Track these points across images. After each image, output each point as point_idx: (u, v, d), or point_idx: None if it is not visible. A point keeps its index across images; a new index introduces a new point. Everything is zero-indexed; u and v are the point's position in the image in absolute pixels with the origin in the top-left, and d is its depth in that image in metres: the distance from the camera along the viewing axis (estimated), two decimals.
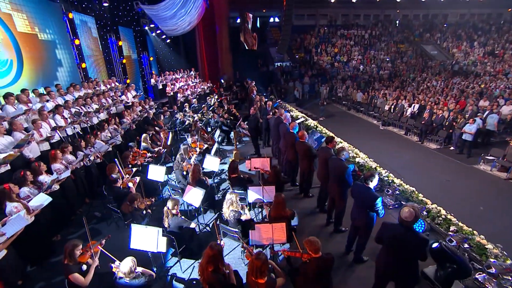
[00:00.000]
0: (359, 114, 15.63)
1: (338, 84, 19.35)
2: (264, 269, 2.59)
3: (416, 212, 2.67)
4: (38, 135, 5.50)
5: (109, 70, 11.69)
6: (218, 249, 2.76)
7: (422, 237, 2.68)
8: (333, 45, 24.28)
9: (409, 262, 2.76)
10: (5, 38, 6.67)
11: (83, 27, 10.02)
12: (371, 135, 12.32)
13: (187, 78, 15.30)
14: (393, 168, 8.59)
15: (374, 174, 3.56)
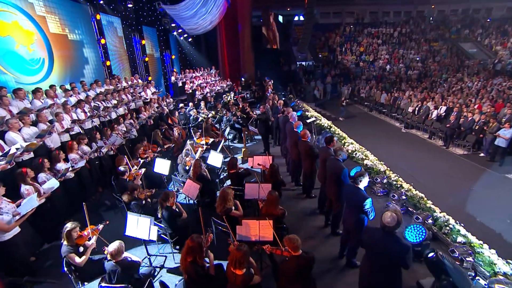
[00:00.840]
0: (381, 115, 15.03)
1: (361, 84, 18.71)
2: (243, 260, 2.66)
3: (398, 217, 2.57)
4: (60, 127, 6.01)
5: (132, 67, 12.37)
6: (198, 241, 2.87)
7: (404, 244, 2.58)
8: (359, 44, 23.49)
9: (391, 269, 2.67)
10: (39, 39, 7.36)
11: (109, 27, 10.71)
12: (391, 137, 11.84)
13: (207, 76, 15.69)
14: (411, 173, 8.24)
15: (364, 174, 3.46)
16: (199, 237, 2.95)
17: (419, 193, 5.28)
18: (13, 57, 6.62)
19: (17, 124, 5.07)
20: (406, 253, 2.53)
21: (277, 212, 3.78)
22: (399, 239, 2.59)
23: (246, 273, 2.70)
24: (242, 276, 2.68)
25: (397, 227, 2.59)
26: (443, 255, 3.41)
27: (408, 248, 2.55)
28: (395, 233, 2.61)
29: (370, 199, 3.42)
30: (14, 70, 6.64)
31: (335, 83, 19.45)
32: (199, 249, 2.87)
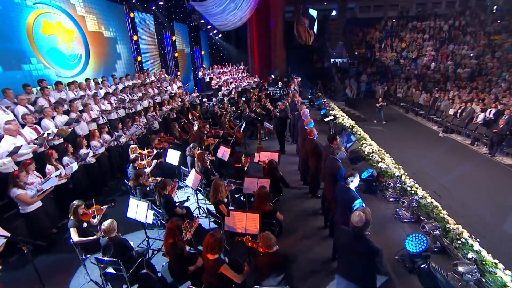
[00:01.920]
0: (417, 117, 14.06)
1: (398, 83, 17.60)
2: (215, 246, 2.85)
3: (366, 216, 2.52)
4: (88, 117, 6.76)
5: (163, 62, 13.24)
6: (177, 224, 3.13)
7: (373, 246, 2.52)
8: (401, 40, 22.05)
9: (364, 272, 2.63)
10: (78, 37, 8.31)
11: (142, 24, 11.60)
12: (426, 141, 11.07)
13: (235, 72, 16.10)
14: (442, 181, 7.73)
15: (355, 174, 3.40)
16: (179, 220, 3.20)
17: (434, 202, 4.96)
18: (55, 53, 7.58)
19: (51, 112, 5.85)
20: (374, 256, 2.48)
21: (266, 207, 3.88)
22: (368, 241, 2.55)
23: (216, 259, 2.87)
24: (212, 261, 2.86)
25: (366, 227, 2.54)
26: (436, 268, 3.23)
27: (377, 251, 2.49)
28: (365, 234, 2.57)
29: (360, 200, 3.36)
30: (56, 65, 7.60)
31: (370, 82, 18.58)
32: (178, 232, 3.12)
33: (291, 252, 4.17)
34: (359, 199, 3.37)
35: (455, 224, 4.45)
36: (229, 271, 2.88)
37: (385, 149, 10.37)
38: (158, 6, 12.41)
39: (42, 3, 7.19)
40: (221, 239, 2.88)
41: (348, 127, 8.99)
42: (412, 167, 9.08)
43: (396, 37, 22.42)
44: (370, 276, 2.62)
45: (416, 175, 8.74)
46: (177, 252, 3.12)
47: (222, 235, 2.94)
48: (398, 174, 5.79)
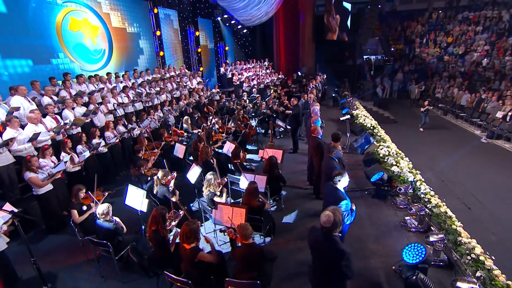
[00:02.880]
0: (457, 120, 13.06)
1: (438, 82, 16.45)
2: (190, 235, 3.03)
3: (335, 217, 2.50)
4: (105, 109, 7.36)
5: (186, 58, 13.82)
6: (160, 212, 3.36)
7: (339, 248, 2.49)
8: (447, 33, 20.51)
9: (333, 276, 2.61)
10: (102, 33, 9.07)
11: (166, 20, 12.25)
12: (465, 147, 10.28)
13: (259, 68, 16.27)
14: (476, 192, 7.24)
15: (342, 173, 3.36)
16: (164, 208, 3.43)
17: (449, 212, 4.67)
18: (81, 48, 8.37)
19: (71, 104, 6.49)
20: (340, 259, 2.45)
21: (254, 203, 3.98)
22: (336, 243, 2.52)
23: (192, 248, 3.05)
24: (188, 250, 3.04)
25: (334, 228, 2.52)
26: (425, 280, 3.09)
27: (342, 254, 2.46)
28: (334, 236, 2.55)
29: (347, 201, 3.32)
30: (81, 59, 8.39)
31: (405, 81, 17.62)
32: (161, 220, 3.35)
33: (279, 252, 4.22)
34: (346, 200, 3.33)
35: (468, 238, 4.16)
36: (206, 258, 3.05)
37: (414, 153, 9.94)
38: (182, 2, 12.99)
39: (71, 2, 7.98)
40: (196, 229, 3.05)
41: (369, 128, 8.69)
42: (443, 175, 8.59)
43: (442, 31, 20.91)
44: (337, 280, 2.60)
45: (444, 184, 8.27)
46: (159, 239, 3.35)
47: (197, 225, 3.11)
48: (412, 179, 5.52)
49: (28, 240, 4.81)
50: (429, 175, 8.88)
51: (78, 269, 4.15)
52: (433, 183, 8.38)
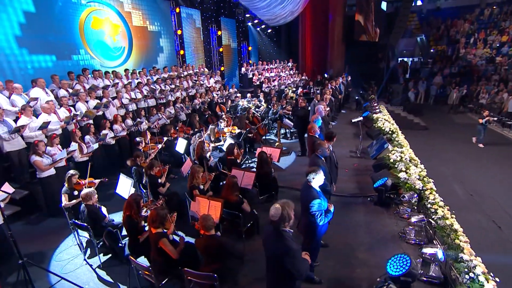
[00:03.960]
0: (504, 130, 11.90)
1: (484, 87, 15.12)
2: (156, 219, 3.17)
3: (283, 210, 2.43)
4: (119, 103, 7.88)
5: (207, 57, 14.28)
6: (134, 198, 3.54)
7: (285, 244, 2.40)
8: (501, 32, 18.77)
9: (281, 275, 2.54)
10: (123, 31, 9.74)
11: (188, 19, 12.80)
12: (508, 159, 9.37)
13: (282, 69, 16.28)
14: (504, 206, 6.66)
15: (316, 171, 3.26)
16: (139, 195, 3.60)
17: (456, 225, 4.28)
18: (101, 45, 9.06)
19: (85, 97, 7.06)
20: (285, 255, 2.38)
21: (232, 198, 4.01)
22: (283, 238, 2.44)
23: (157, 233, 3.17)
24: (154, 235, 3.16)
25: (281, 222, 2.45)
26: None
27: (287, 250, 2.37)
28: (283, 231, 2.48)
29: (319, 201, 3.21)
30: (101, 56, 9.08)
31: (445, 85, 16.48)
32: (136, 206, 3.53)
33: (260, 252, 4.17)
34: (319, 199, 3.22)
35: (472, 255, 3.78)
36: (167, 246, 3.15)
37: (441, 163, 9.30)
38: (205, 1, 13.47)
39: (94, 1, 8.70)
40: (162, 215, 3.18)
41: (387, 132, 8.27)
42: (473, 188, 7.95)
43: (495, 29, 19.20)
44: (285, 279, 2.52)
45: (473, 198, 7.60)
46: (131, 224, 3.52)
47: (165, 212, 3.22)
48: (421, 187, 5.15)
49: (30, 221, 5.36)
50: (455, 187, 8.26)
51: (65, 251, 4.48)
52: (458, 196, 7.81)
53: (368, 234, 4.62)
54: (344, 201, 5.63)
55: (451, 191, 8.03)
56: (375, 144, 7.71)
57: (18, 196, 5.57)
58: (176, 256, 3.17)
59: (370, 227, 4.78)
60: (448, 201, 7.28)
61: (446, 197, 7.41)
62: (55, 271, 4.00)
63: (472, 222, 6.75)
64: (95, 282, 3.85)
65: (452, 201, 7.37)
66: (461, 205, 7.50)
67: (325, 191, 3.97)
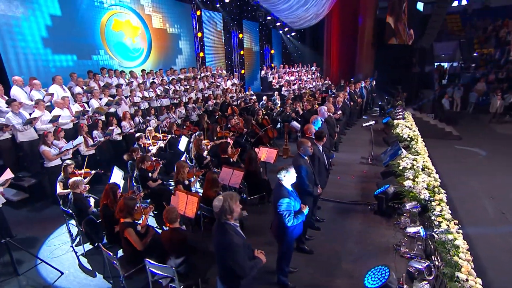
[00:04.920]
0: None
1: None
2: (123, 208, 3.29)
3: (223, 202, 2.37)
4: (131, 101, 8.32)
5: (228, 60, 14.59)
6: (111, 187, 3.70)
7: (228, 239, 2.34)
8: None
9: (224, 270, 2.48)
10: (142, 33, 10.33)
11: (209, 22, 13.24)
12: None
13: (305, 73, 16.13)
14: None
15: (287, 169, 3.16)
16: (116, 185, 3.75)
17: (459, 241, 3.89)
18: (121, 46, 9.68)
19: (98, 94, 7.56)
20: (225, 247, 2.32)
21: (210, 193, 4.02)
22: (224, 231, 2.38)
23: (124, 222, 3.28)
24: (121, 224, 3.27)
25: (221, 214, 2.39)
26: None
27: (227, 244, 2.31)
28: (226, 223, 2.42)
29: (288, 200, 3.10)
30: (119, 56, 9.69)
31: (487, 92, 15.19)
32: (112, 195, 3.68)
33: None
34: (287, 199, 3.12)
35: (470, 276, 3.40)
36: (131, 236, 3.24)
37: (474, 176, 8.56)
38: (228, 5, 13.84)
39: (116, 5, 9.35)
40: (130, 205, 3.28)
41: (405, 139, 7.80)
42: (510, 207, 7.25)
43: None
44: (229, 275, 2.45)
45: (505, 217, 6.91)
46: (107, 214, 3.67)
47: (134, 202, 3.33)
48: (427, 197, 4.77)
49: (35, 208, 5.80)
50: (485, 203, 7.53)
51: (58, 237, 4.77)
52: (486, 213, 7.10)
53: (359, 244, 4.36)
54: (343, 208, 5.39)
55: (478, 208, 7.34)
56: (389, 151, 7.32)
57: (27, 184, 6.14)
58: (140, 248, 3.24)
59: (363, 237, 4.51)
60: (470, 217, 6.72)
61: (469, 213, 6.84)
62: (43, 255, 4.29)
63: (498, 243, 6.10)
64: (75, 269, 4.06)
65: (476, 218, 6.79)
66: (488, 223, 6.83)
67: (307, 192, 3.84)
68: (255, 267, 2.45)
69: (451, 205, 7.00)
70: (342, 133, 9.90)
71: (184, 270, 3.16)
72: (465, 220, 6.71)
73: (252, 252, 2.62)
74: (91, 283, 3.81)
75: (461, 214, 6.80)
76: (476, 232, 6.13)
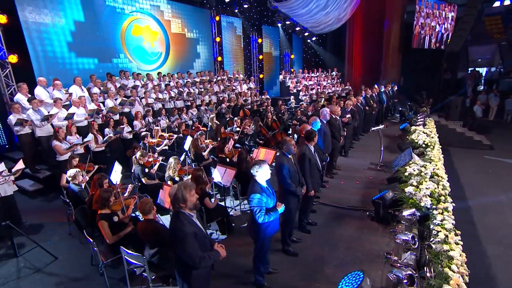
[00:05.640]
0: None
1: None
2: (98, 200, 3.49)
3: (177, 191, 2.42)
4: (145, 102, 8.74)
5: (247, 64, 14.82)
6: (99, 178, 3.91)
7: (177, 227, 2.40)
8: None
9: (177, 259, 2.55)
10: (161, 37, 10.84)
11: (228, 27, 13.58)
12: None
13: (324, 78, 15.93)
14: None
15: (260, 164, 3.15)
16: (103, 176, 3.97)
17: (454, 252, 3.62)
18: (139, 50, 10.23)
19: (113, 94, 8.04)
20: (174, 235, 2.40)
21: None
22: (177, 219, 2.42)
23: (100, 214, 3.47)
24: (97, 216, 3.45)
25: (175, 202, 2.44)
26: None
27: (176, 231, 2.37)
28: (181, 212, 2.46)
29: (259, 196, 3.09)
30: (138, 60, 10.24)
31: None
32: (98, 186, 3.88)
33: None
34: (259, 194, 3.11)
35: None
36: (104, 229, 3.41)
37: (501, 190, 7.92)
38: (248, 10, 14.10)
39: (137, 11, 9.93)
40: (104, 197, 3.47)
41: (420, 145, 7.40)
42: None
43: None
44: (181, 265, 2.49)
45: None
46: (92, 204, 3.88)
47: (108, 194, 3.50)
48: (429, 205, 4.48)
49: (48, 198, 6.24)
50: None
51: (59, 225, 5.10)
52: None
53: (349, 250, 4.19)
54: (340, 213, 5.23)
55: (502, 224, 6.71)
56: (400, 157, 6.99)
57: (42, 176, 6.65)
58: (110, 241, 3.41)
59: (354, 243, 4.33)
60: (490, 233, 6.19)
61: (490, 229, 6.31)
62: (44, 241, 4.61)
63: None
64: (68, 253, 4.33)
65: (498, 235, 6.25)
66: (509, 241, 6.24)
67: (289, 191, 3.79)
68: (207, 259, 2.44)
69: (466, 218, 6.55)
70: (356, 139, 9.62)
71: (158, 261, 3.24)
72: (483, 235, 6.24)
73: (211, 245, 2.63)
74: (81, 269, 4.02)
75: (479, 228, 6.32)
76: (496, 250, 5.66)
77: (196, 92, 10.28)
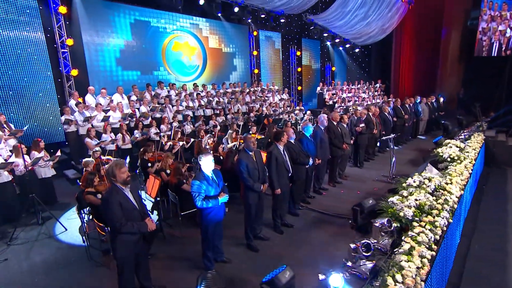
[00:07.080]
0: None
1: None
2: (84, 180, 4.22)
3: (109, 166, 2.87)
4: (176, 109, 9.76)
5: (285, 77, 15.19)
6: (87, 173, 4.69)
7: (106, 196, 2.92)
8: None
9: None
10: (199, 52, 11.99)
11: (266, 42, 14.25)
12: None
13: (366, 90, 15.35)
14: None
15: (205, 154, 3.49)
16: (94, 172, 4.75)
17: (408, 263, 3.35)
18: (178, 64, 11.48)
19: (147, 101, 9.22)
20: (102, 202, 2.84)
21: (173, 180, 4.58)
22: (110, 189, 2.88)
23: (86, 191, 4.16)
24: (84, 192, 4.17)
25: (108, 175, 2.90)
26: None
27: (104, 198, 2.82)
28: (113, 184, 2.90)
29: (198, 183, 3.42)
30: (176, 72, 11.48)
31: None
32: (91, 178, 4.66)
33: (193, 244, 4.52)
34: (198, 181, 3.45)
35: None
36: (90, 198, 4.11)
37: None
38: (288, 24, 14.55)
39: (178, 30, 11.25)
40: (88, 177, 4.17)
41: (444, 159, 6.74)
42: None
43: None
44: (110, 230, 2.94)
45: None
46: None
47: (92, 177, 4.19)
48: (409, 216, 4.16)
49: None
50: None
51: None
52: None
53: (310, 252, 4.17)
54: (323, 219, 5.18)
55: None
56: (417, 170, 6.48)
57: (81, 167, 7.94)
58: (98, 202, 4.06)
59: (321, 247, 4.29)
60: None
61: None
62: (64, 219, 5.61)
63: None
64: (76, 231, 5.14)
65: None
66: None
67: (246, 186, 3.99)
68: (129, 226, 2.84)
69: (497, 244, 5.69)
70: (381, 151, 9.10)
71: None
72: None
73: (141, 217, 3.02)
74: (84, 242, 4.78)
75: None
76: None
77: (226, 101, 11.01)
